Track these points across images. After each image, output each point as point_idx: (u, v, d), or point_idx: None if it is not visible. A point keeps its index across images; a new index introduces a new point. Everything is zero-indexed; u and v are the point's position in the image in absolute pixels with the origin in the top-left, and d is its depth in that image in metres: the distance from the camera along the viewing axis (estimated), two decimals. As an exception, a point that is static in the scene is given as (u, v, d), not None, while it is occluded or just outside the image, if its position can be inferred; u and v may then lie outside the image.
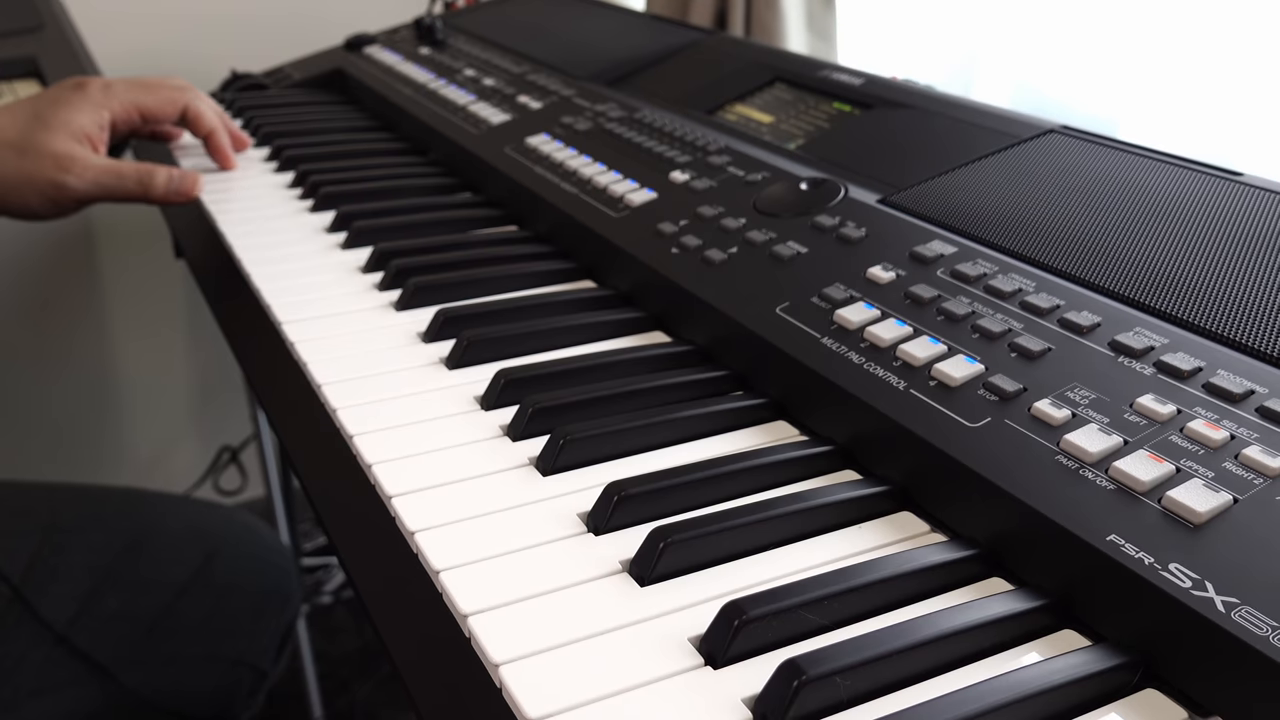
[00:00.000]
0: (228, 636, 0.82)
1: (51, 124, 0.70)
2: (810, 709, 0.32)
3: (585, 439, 0.45)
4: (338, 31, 1.17)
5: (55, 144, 0.69)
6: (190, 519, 0.85)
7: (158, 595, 0.78)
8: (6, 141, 0.69)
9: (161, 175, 0.73)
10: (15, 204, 0.71)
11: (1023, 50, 1.10)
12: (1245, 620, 0.31)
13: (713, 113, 0.77)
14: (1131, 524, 0.35)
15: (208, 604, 0.81)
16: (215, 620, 0.81)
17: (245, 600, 0.84)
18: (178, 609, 0.79)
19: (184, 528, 0.84)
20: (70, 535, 0.78)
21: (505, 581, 0.37)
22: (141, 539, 0.80)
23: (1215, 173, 0.55)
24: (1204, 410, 0.39)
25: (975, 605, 0.35)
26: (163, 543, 0.81)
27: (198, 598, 0.80)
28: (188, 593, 0.80)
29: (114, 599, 0.76)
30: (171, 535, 0.82)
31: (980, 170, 0.59)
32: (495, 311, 0.57)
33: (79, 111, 0.71)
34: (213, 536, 0.84)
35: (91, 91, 0.73)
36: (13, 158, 0.69)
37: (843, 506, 0.41)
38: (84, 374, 1.42)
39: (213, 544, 0.83)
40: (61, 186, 0.70)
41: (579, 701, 0.32)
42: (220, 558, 0.83)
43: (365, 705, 1.30)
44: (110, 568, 0.77)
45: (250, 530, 0.89)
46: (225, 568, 0.83)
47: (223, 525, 0.87)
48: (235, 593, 0.83)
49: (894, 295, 0.49)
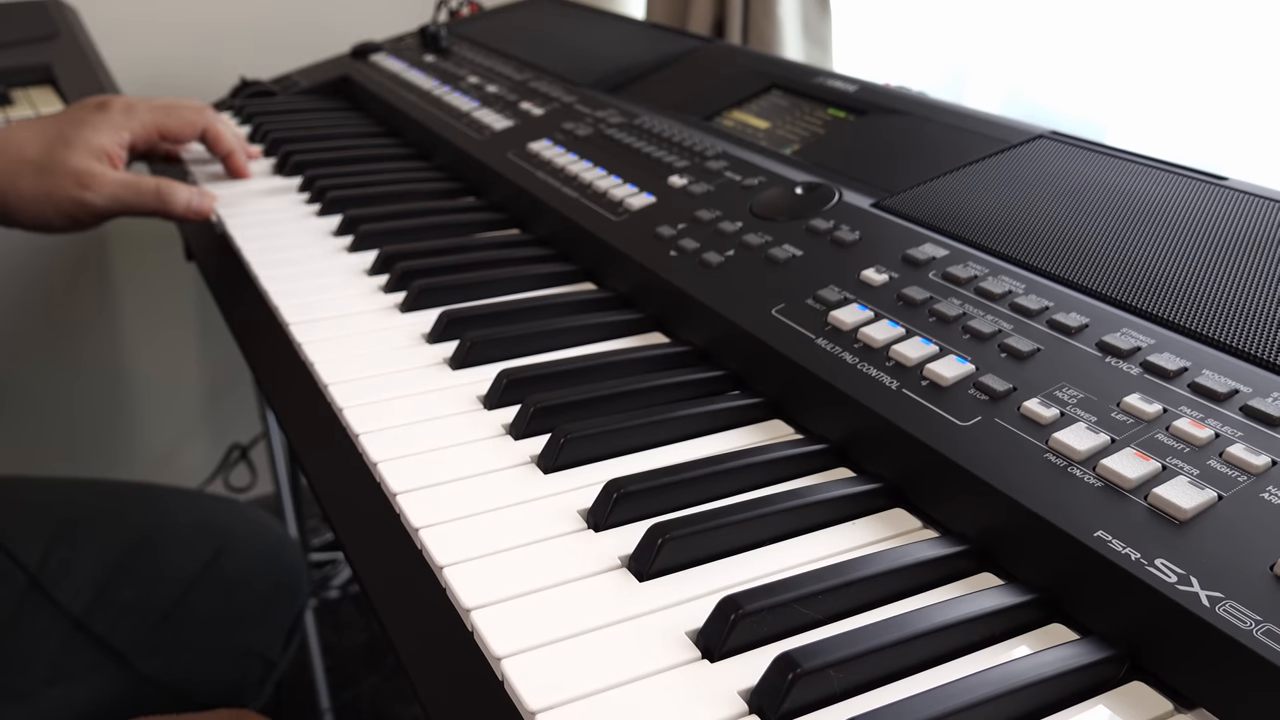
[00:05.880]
0: (237, 627, 0.82)
1: (73, 142, 0.71)
2: (804, 701, 0.32)
3: (585, 438, 0.45)
4: (344, 40, 1.18)
5: (76, 161, 0.70)
6: (201, 513, 0.85)
7: (169, 587, 0.79)
8: (28, 159, 0.70)
9: (182, 194, 0.74)
10: (35, 219, 0.72)
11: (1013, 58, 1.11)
12: (1229, 614, 0.31)
13: (710, 119, 0.77)
14: (1118, 520, 0.35)
15: (217, 596, 0.81)
16: (225, 611, 0.81)
17: (254, 592, 0.84)
18: (188, 600, 0.79)
19: (194, 521, 0.84)
20: (83, 528, 0.78)
21: (507, 577, 0.38)
22: (153, 532, 0.81)
23: (1201, 177, 0.55)
24: (1189, 409, 0.39)
25: (966, 600, 0.36)
26: (174, 536, 0.82)
27: (208, 590, 0.80)
28: (198, 585, 0.80)
29: (127, 590, 0.77)
30: (182, 529, 0.83)
31: (971, 175, 0.60)
32: (498, 313, 0.58)
33: (99, 131, 0.73)
34: (222, 530, 0.84)
35: (113, 112, 0.74)
36: (34, 175, 0.70)
37: (837, 503, 0.42)
38: (97, 373, 1.43)
39: (222, 538, 0.84)
40: (81, 203, 0.71)
41: (579, 694, 0.33)
42: (230, 551, 0.83)
43: (371, 698, 1.30)
44: (123, 560, 0.78)
45: (259, 524, 0.89)
46: (234, 560, 0.83)
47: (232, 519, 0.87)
48: (244, 585, 0.83)
49: (887, 297, 0.49)
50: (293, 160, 0.85)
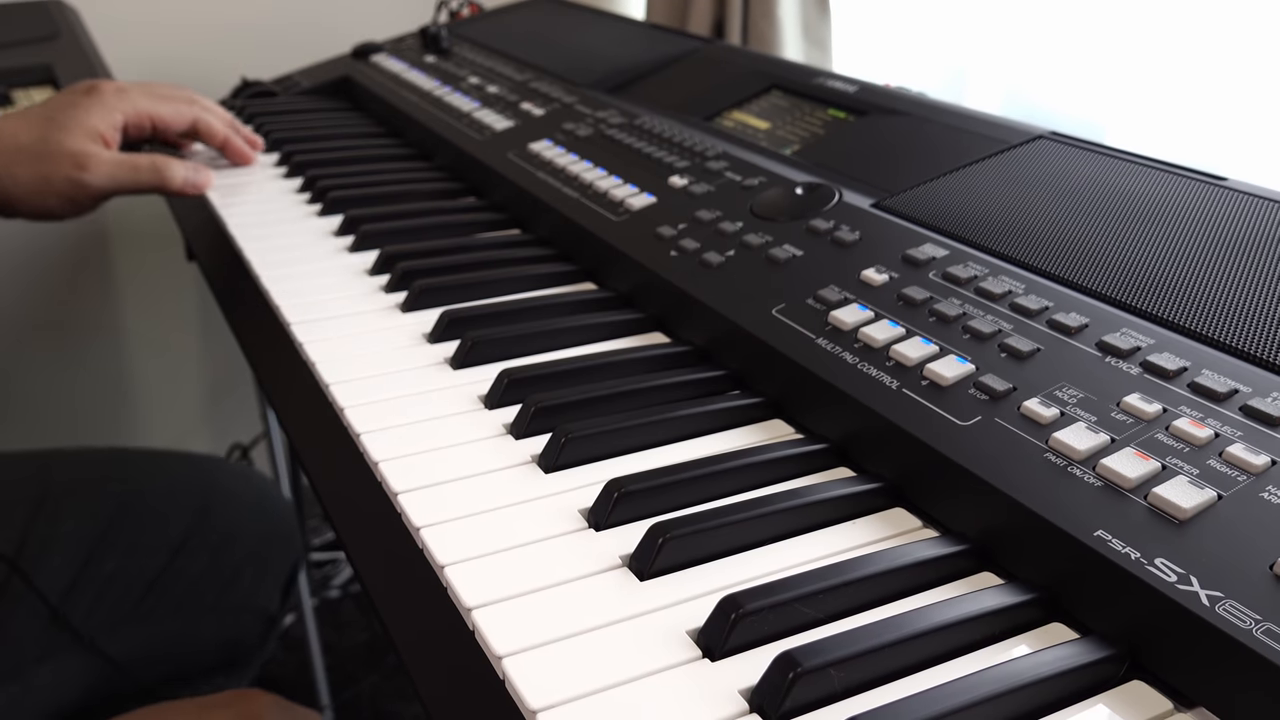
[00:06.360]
0: (231, 586, 0.81)
1: (66, 125, 0.71)
2: (805, 700, 0.32)
3: (586, 437, 0.45)
4: (345, 40, 1.18)
5: (71, 143, 0.70)
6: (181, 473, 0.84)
7: (154, 553, 0.77)
8: (21, 147, 0.70)
9: (178, 169, 0.73)
10: (34, 206, 0.71)
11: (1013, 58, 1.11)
12: (1229, 614, 0.31)
13: (711, 119, 0.77)
14: (1118, 520, 0.35)
15: (205, 556, 0.80)
16: (215, 570, 0.80)
17: (244, 547, 0.83)
18: (176, 564, 0.78)
19: (175, 483, 0.83)
20: (61, 503, 0.77)
21: (508, 576, 0.38)
22: (133, 499, 0.79)
23: (1200, 177, 0.55)
24: (1189, 409, 0.39)
25: (966, 599, 0.36)
26: (155, 500, 0.80)
27: (195, 550, 0.79)
28: (185, 546, 0.79)
29: (110, 562, 0.75)
30: (163, 492, 0.81)
31: (971, 175, 0.60)
32: (499, 313, 0.58)
33: (91, 113, 0.72)
34: (205, 488, 0.83)
35: (105, 94, 0.74)
36: (29, 161, 0.69)
37: (837, 503, 0.42)
38: (99, 373, 1.43)
39: (205, 496, 0.82)
40: (78, 184, 0.70)
41: (580, 693, 0.33)
42: (214, 509, 0.82)
43: (372, 697, 1.30)
44: (104, 532, 0.76)
45: (244, 477, 0.87)
46: (220, 518, 0.82)
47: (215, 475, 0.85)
48: (233, 542, 0.82)
49: (887, 297, 0.49)
50: (294, 160, 0.85)
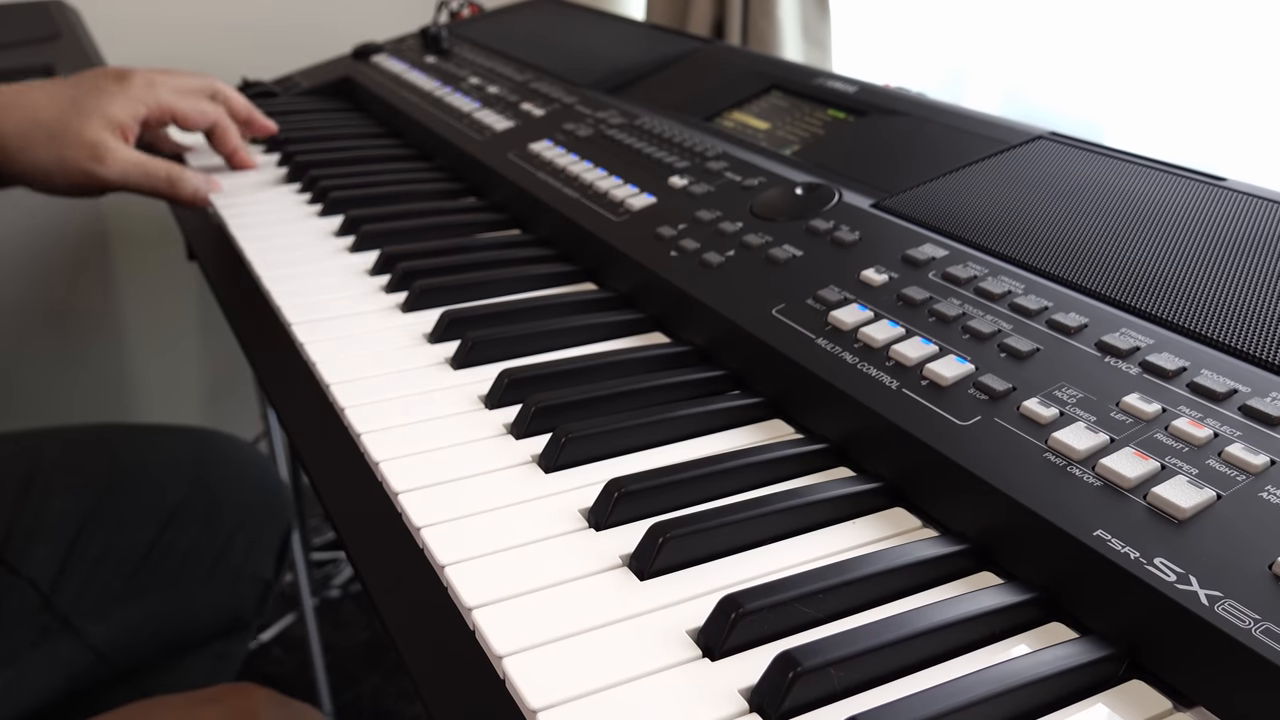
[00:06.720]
0: (223, 556, 0.80)
1: (89, 110, 0.70)
2: (805, 699, 0.32)
3: (586, 437, 0.45)
4: (346, 41, 1.18)
5: (90, 132, 0.69)
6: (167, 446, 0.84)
7: (144, 527, 0.77)
8: (41, 122, 0.69)
9: (190, 181, 0.73)
10: (43, 182, 0.71)
11: (1012, 58, 1.11)
12: (1228, 613, 0.31)
13: (711, 119, 0.77)
14: (1118, 519, 0.35)
15: (195, 527, 0.79)
16: (206, 541, 0.80)
17: (234, 515, 0.82)
18: (165, 538, 0.77)
19: (163, 456, 0.82)
20: (49, 481, 0.76)
21: (508, 576, 0.38)
22: (121, 475, 0.79)
23: (1199, 178, 0.55)
24: (1188, 409, 0.39)
25: (966, 599, 0.36)
26: (143, 475, 0.80)
27: (184, 523, 0.79)
28: (175, 519, 0.78)
29: (99, 541, 0.75)
30: (151, 466, 0.81)
31: (971, 175, 0.60)
32: (499, 313, 0.58)
33: (116, 102, 0.72)
34: (191, 460, 0.83)
35: (133, 86, 0.73)
36: (46, 139, 0.69)
37: (837, 503, 0.42)
38: (99, 372, 1.43)
39: (193, 468, 0.82)
40: (91, 175, 0.70)
41: (580, 692, 0.33)
42: (202, 480, 0.82)
43: (372, 696, 1.30)
44: (92, 510, 0.76)
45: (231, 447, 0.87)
46: (209, 487, 0.82)
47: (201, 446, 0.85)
48: (223, 510, 0.82)
49: (887, 297, 0.50)
50: (295, 160, 0.85)
